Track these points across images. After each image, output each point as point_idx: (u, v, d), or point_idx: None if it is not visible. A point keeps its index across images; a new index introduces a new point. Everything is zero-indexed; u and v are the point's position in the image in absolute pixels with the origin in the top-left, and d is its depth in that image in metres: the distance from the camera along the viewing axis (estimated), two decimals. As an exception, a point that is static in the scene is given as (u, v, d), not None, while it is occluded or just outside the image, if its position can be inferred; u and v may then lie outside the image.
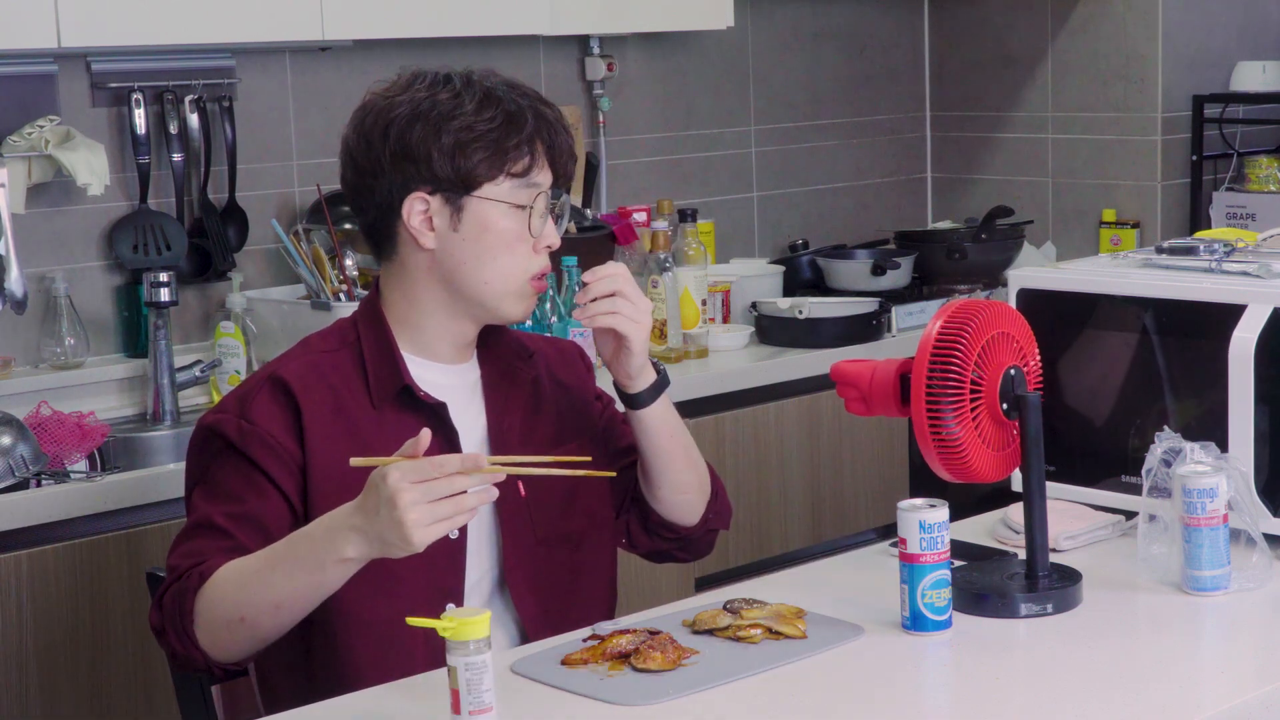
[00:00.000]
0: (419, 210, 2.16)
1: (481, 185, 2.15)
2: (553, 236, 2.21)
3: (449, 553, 2.15)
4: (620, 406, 2.31)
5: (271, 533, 2.09)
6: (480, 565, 2.22)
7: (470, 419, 2.23)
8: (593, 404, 2.37)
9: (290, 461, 2.12)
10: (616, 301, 2.19)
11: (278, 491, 2.12)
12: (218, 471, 2.13)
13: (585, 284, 2.21)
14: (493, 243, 2.17)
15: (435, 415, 2.19)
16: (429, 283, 2.19)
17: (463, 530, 2.16)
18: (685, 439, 2.31)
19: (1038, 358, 2.20)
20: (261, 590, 1.99)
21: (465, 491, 1.88)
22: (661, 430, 2.27)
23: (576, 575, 2.28)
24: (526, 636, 2.22)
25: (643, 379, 2.24)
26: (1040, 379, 2.20)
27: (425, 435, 1.89)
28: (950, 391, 2.08)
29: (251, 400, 2.15)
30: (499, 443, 2.24)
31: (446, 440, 2.19)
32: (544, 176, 2.19)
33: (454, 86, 2.16)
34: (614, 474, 2.25)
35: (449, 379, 2.23)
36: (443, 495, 1.85)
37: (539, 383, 2.30)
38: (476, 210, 2.16)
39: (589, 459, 2.06)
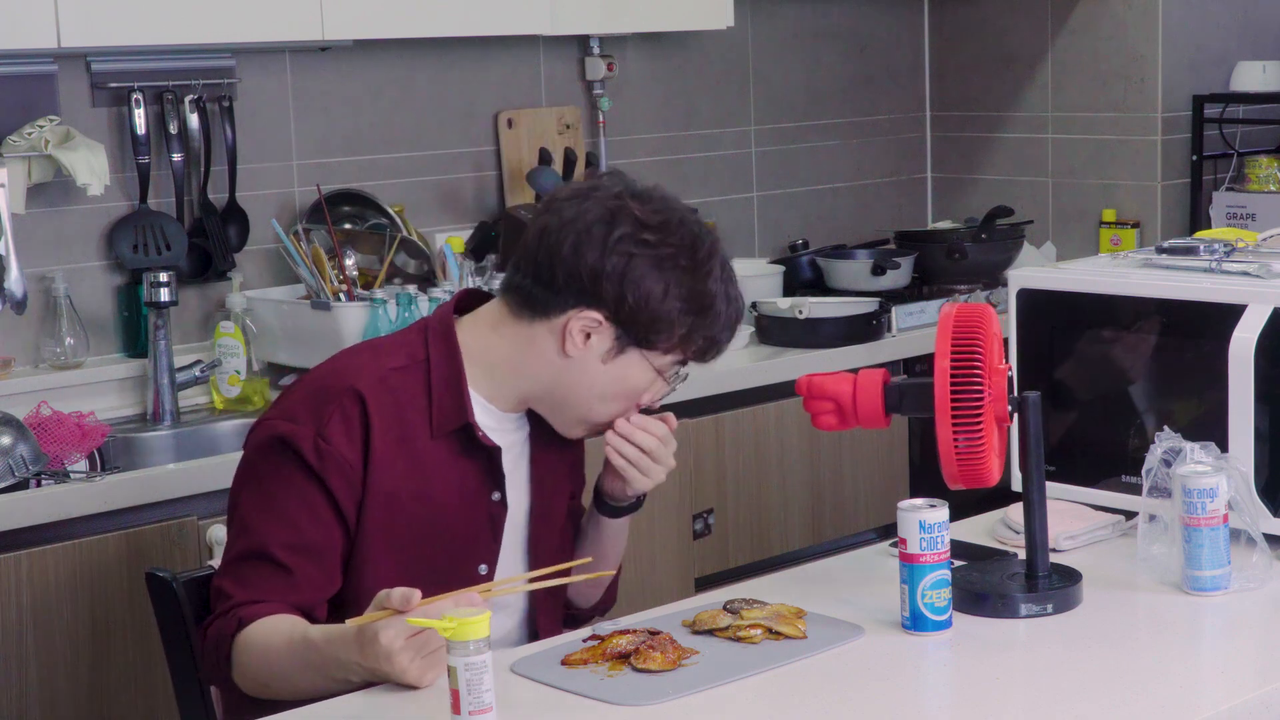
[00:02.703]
0: (590, 322, 2.13)
1: (655, 349, 2.15)
2: (656, 397, 2.22)
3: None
4: (586, 502, 2.37)
5: (327, 564, 2.09)
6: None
7: (517, 469, 2.23)
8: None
9: (356, 483, 2.10)
10: (643, 460, 2.20)
11: (338, 519, 2.10)
12: (280, 486, 2.10)
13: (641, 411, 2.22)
14: (620, 389, 2.17)
15: (489, 458, 2.18)
16: (539, 369, 2.16)
17: (490, 569, 2.20)
18: (623, 546, 2.38)
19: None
20: (283, 681, 2.02)
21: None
22: (615, 539, 2.35)
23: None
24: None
25: (627, 500, 2.31)
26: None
27: (415, 594, 1.88)
28: (971, 404, 2.07)
29: (329, 416, 2.10)
30: (540, 495, 2.25)
31: (495, 484, 2.19)
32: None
33: (704, 259, 2.13)
34: (614, 572, 2.35)
35: (502, 425, 2.21)
36: (438, 646, 1.87)
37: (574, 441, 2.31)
38: (632, 359, 2.15)
39: (588, 560, 2.14)
